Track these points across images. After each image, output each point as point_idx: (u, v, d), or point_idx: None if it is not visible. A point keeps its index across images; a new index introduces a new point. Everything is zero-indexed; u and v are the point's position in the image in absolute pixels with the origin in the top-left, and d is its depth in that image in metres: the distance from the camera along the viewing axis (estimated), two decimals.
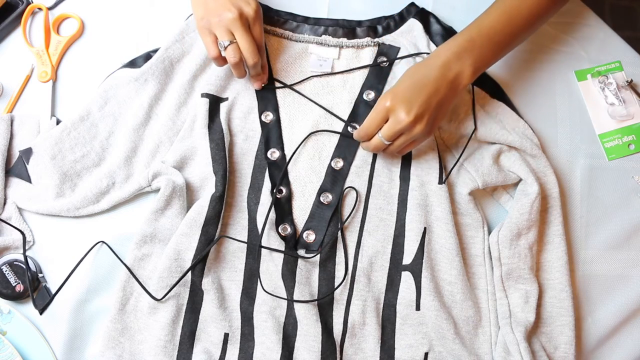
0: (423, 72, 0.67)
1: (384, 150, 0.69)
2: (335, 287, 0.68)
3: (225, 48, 0.69)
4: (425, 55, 0.76)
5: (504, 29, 0.69)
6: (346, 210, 0.71)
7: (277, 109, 0.75)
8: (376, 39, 0.78)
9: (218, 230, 0.69)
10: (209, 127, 0.72)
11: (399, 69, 0.76)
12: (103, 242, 0.69)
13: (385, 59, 0.77)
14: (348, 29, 0.79)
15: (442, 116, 0.68)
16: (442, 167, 0.72)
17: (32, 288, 0.68)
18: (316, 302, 0.67)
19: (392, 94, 0.66)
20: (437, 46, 0.76)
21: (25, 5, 0.80)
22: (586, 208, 0.75)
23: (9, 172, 0.72)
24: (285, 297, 0.67)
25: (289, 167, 0.73)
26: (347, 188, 0.72)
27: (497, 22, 0.69)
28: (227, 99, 0.75)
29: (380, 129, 0.67)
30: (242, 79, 0.74)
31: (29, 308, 0.69)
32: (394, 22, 0.79)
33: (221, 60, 0.71)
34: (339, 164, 0.73)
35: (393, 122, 0.65)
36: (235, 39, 0.69)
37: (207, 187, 0.71)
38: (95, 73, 0.77)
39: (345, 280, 0.68)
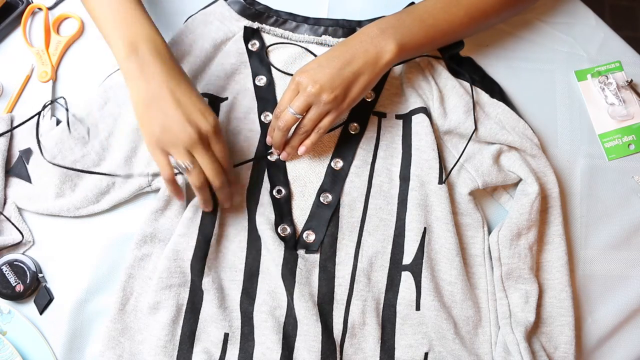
0: (341, 46, 0.67)
1: (299, 126, 0.67)
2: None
3: (187, 170, 0.61)
4: (424, 57, 0.76)
5: (439, 14, 0.69)
6: (346, 210, 0.71)
7: None
8: None
9: (216, 230, 0.69)
10: None
11: (397, 70, 0.76)
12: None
13: None
14: (348, 29, 0.78)
15: (358, 90, 0.66)
16: (442, 167, 0.72)
17: (32, 288, 0.68)
18: (316, 302, 0.67)
19: (303, 67, 0.66)
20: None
21: (25, 5, 0.80)
22: (586, 208, 0.75)
23: (9, 172, 0.72)
24: (286, 297, 0.67)
25: (289, 168, 0.73)
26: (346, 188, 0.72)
27: (432, 6, 0.70)
28: (226, 98, 0.75)
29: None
30: (219, 170, 0.63)
31: (29, 308, 0.69)
32: None
33: (174, 186, 0.63)
34: (338, 164, 0.73)
35: (300, 93, 0.65)
36: (195, 161, 0.61)
37: None
38: (95, 73, 0.77)
39: (344, 280, 0.68)
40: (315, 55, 0.77)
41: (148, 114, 0.61)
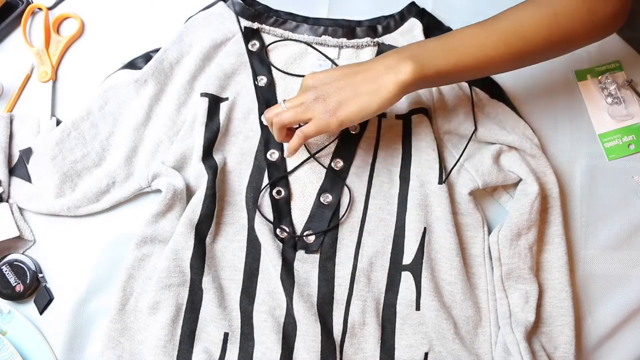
0: (357, 65, 0.64)
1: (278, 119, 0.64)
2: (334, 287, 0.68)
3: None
4: None
5: (468, 39, 0.64)
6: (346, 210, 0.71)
7: None
8: (376, 39, 0.78)
9: (215, 229, 0.69)
10: (206, 125, 0.72)
11: None
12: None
13: None
14: (348, 29, 0.79)
15: (355, 109, 0.61)
16: (442, 167, 0.72)
17: (32, 288, 0.68)
18: (315, 302, 0.67)
19: (314, 73, 0.64)
20: None
21: (25, 5, 0.80)
22: (586, 208, 0.75)
23: (9, 172, 0.72)
24: (285, 298, 0.67)
25: (289, 168, 0.73)
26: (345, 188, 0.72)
27: (460, 32, 0.65)
28: (227, 99, 0.75)
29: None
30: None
31: (29, 308, 0.69)
32: (394, 21, 0.79)
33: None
34: (339, 164, 0.73)
35: (299, 94, 0.64)
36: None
37: (202, 185, 0.71)
38: (95, 73, 0.77)
39: (344, 280, 0.68)
40: (317, 50, 0.77)
41: None
